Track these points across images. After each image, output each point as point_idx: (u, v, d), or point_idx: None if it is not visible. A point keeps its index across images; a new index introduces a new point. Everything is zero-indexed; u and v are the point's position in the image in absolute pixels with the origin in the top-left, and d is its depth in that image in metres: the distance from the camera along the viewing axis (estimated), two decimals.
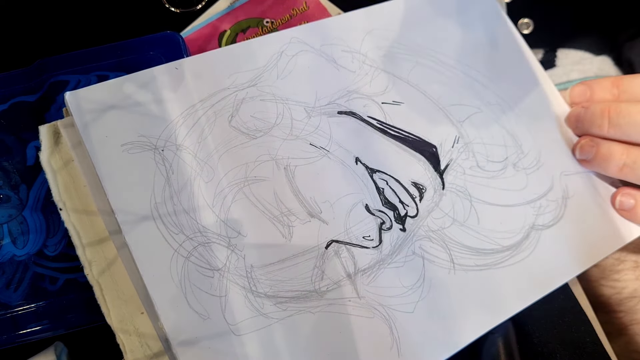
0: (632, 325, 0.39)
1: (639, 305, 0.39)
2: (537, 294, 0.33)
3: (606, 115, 0.35)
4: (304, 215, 0.31)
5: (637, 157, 0.34)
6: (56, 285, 0.33)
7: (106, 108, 0.30)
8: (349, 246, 0.31)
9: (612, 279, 0.40)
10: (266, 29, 0.43)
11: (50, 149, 0.30)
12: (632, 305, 0.39)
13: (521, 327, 0.35)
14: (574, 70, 0.45)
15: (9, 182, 0.35)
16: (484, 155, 0.36)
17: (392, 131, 0.34)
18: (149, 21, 0.44)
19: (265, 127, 0.32)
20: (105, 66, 0.37)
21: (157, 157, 0.30)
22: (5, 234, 0.34)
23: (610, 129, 0.35)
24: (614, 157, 0.35)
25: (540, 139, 0.37)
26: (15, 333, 0.32)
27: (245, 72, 0.33)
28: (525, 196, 0.35)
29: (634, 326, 0.39)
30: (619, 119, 0.34)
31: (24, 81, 0.37)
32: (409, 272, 0.31)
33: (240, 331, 0.28)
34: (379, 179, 0.33)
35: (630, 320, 0.40)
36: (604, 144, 0.36)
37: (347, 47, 0.36)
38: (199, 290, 0.28)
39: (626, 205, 0.36)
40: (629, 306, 0.40)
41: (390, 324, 0.30)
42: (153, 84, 0.31)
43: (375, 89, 0.35)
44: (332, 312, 0.29)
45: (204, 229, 0.29)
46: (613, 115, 0.35)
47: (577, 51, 0.46)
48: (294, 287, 0.30)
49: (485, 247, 0.33)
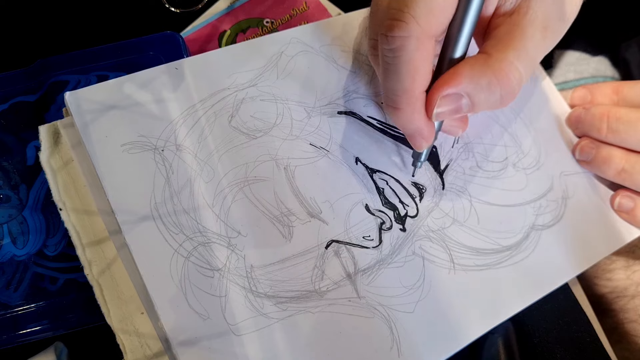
0: (624, 324, 0.40)
1: (629, 304, 0.39)
2: (537, 294, 0.33)
3: (605, 120, 0.35)
4: (304, 215, 0.31)
5: (635, 163, 0.34)
6: (56, 285, 0.33)
7: (106, 108, 0.30)
8: (349, 246, 0.31)
9: (605, 279, 0.41)
10: (266, 29, 0.43)
11: (50, 149, 0.30)
12: (623, 304, 0.40)
13: (521, 327, 0.35)
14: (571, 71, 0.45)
15: (9, 182, 0.35)
16: (484, 155, 0.36)
17: (392, 131, 0.34)
18: (149, 21, 0.44)
19: (265, 127, 0.32)
20: (105, 66, 0.37)
21: (157, 157, 0.30)
22: (5, 234, 0.34)
23: (609, 134, 0.35)
24: (613, 161, 0.35)
25: (540, 139, 0.37)
26: (15, 333, 0.32)
27: (245, 72, 0.33)
28: (525, 196, 0.35)
29: (625, 325, 0.40)
30: (617, 125, 0.35)
31: (24, 81, 0.37)
32: (409, 272, 0.31)
33: (240, 331, 0.28)
34: (379, 179, 0.33)
35: (621, 319, 0.40)
36: (604, 147, 0.36)
37: (346, 48, 0.36)
38: (199, 290, 0.28)
39: (625, 207, 0.36)
40: (620, 305, 0.40)
41: (390, 324, 0.30)
42: (153, 84, 0.31)
43: (375, 88, 0.35)
44: (332, 312, 0.29)
45: (204, 229, 0.29)
46: (612, 120, 0.35)
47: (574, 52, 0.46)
48: (294, 287, 0.30)
49: (485, 247, 0.33)
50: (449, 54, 0.28)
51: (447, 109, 0.28)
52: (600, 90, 0.38)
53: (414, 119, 0.29)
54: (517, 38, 0.28)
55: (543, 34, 0.28)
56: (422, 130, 0.29)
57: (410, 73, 0.27)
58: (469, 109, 0.28)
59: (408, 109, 0.28)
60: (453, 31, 0.28)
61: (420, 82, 0.27)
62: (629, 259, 0.40)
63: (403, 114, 0.29)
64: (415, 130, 0.30)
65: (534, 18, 0.28)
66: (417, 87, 0.28)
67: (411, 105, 0.28)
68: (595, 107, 0.37)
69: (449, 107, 0.28)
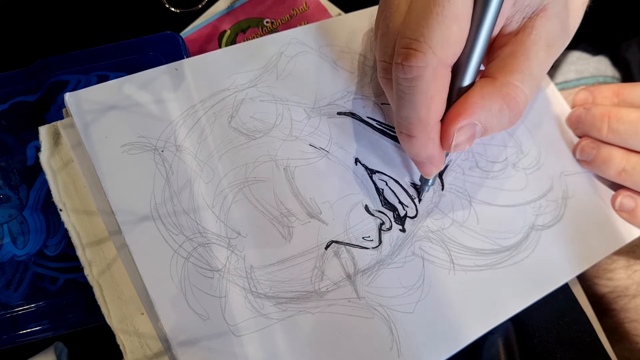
0: (625, 323, 0.40)
1: (630, 304, 0.39)
2: (537, 294, 0.33)
3: (606, 120, 0.35)
4: (303, 215, 0.31)
5: (636, 163, 0.34)
6: (56, 285, 0.33)
7: (106, 109, 0.30)
8: (348, 247, 0.31)
9: (606, 278, 0.41)
10: (266, 29, 0.43)
11: (50, 149, 0.30)
12: (624, 304, 0.40)
13: (521, 327, 0.35)
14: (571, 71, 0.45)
15: (9, 182, 0.35)
16: (484, 155, 0.36)
17: (392, 132, 0.34)
18: (149, 21, 0.44)
19: (265, 127, 0.32)
20: (105, 66, 0.37)
21: (157, 158, 0.30)
22: (5, 234, 0.34)
23: (609, 134, 0.35)
24: (613, 161, 0.35)
25: (540, 139, 0.37)
26: (15, 333, 0.32)
27: (245, 72, 0.33)
28: (525, 196, 0.35)
29: (626, 324, 0.40)
30: (618, 125, 0.35)
31: (24, 81, 0.37)
32: (408, 273, 0.31)
33: (240, 332, 0.28)
34: (378, 180, 0.33)
35: (622, 319, 0.40)
36: (604, 147, 0.36)
37: (346, 48, 0.36)
38: (199, 291, 0.28)
39: (626, 206, 0.36)
40: (621, 305, 0.40)
41: (390, 324, 0.30)
42: (153, 85, 0.31)
43: (375, 89, 0.35)
44: (332, 313, 0.29)
45: (203, 229, 0.29)
46: (613, 121, 0.35)
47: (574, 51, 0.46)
48: (294, 287, 0.30)
49: (485, 247, 0.33)
50: (458, 83, 0.28)
51: (463, 139, 0.28)
52: (601, 92, 0.38)
53: (429, 147, 0.29)
54: (521, 59, 0.28)
55: (547, 52, 0.29)
56: (433, 158, 0.30)
57: (426, 103, 0.27)
58: (482, 134, 0.29)
59: (422, 137, 0.28)
60: (463, 59, 0.27)
61: (435, 111, 0.27)
62: (630, 259, 0.40)
63: (417, 142, 0.28)
64: (427, 158, 0.30)
65: (538, 38, 0.28)
66: (433, 116, 0.28)
67: (426, 134, 0.28)
68: (595, 107, 0.37)
69: (465, 136, 0.28)
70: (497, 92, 0.27)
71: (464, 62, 0.27)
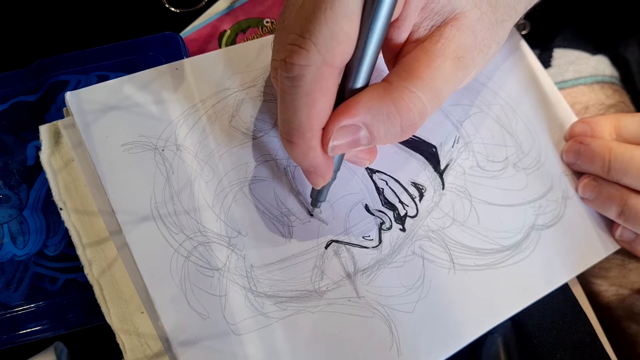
0: (620, 322, 0.40)
1: (625, 302, 0.39)
2: (537, 294, 0.33)
3: (607, 158, 0.34)
4: (303, 215, 0.31)
5: (633, 206, 0.34)
6: (56, 285, 0.33)
7: (107, 108, 0.30)
8: (348, 246, 0.31)
9: (601, 277, 0.41)
10: (266, 29, 0.43)
11: (51, 149, 0.30)
12: (618, 303, 0.40)
13: (521, 327, 0.35)
14: (569, 70, 0.45)
15: (9, 182, 0.35)
16: (484, 155, 0.36)
17: None
18: (149, 21, 0.44)
19: (266, 127, 0.32)
20: (106, 66, 0.37)
21: (158, 157, 0.30)
22: (5, 234, 0.34)
23: (611, 172, 0.34)
24: (613, 203, 0.35)
25: (540, 139, 0.37)
26: (15, 333, 0.32)
27: (246, 72, 0.33)
28: (525, 196, 0.35)
29: (620, 323, 0.40)
30: (618, 164, 0.34)
31: (24, 81, 0.37)
32: (408, 272, 0.31)
33: (240, 331, 0.28)
34: (378, 179, 0.33)
35: (617, 317, 0.40)
36: (605, 187, 0.35)
37: None
38: (199, 290, 0.28)
39: (626, 237, 0.36)
40: (616, 303, 0.40)
41: (390, 323, 0.30)
42: (154, 84, 0.31)
43: None
44: (331, 312, 0.30)
45: (204, 228, 0.29)
46: (613, 159, 0.34)
47: (573, 51, 0.46)
48: (294, 286, 0.30)
49: (485, 247, 0.33)
50: (349, 85, 0.26)
51: (344, 142, 0.26)
52: (600, 125, 0.37)
53: (309, 155, 0.26)
54: (423, 66, 0.26)
55: (455, 64, 0.26)
56: (317, 168, 0.27)
57: (308, 106, 0.24)
58: (368, 141, 0.26)
59: (302, 143, 0.26)
60: (354, 59, 0.25)
61: (317, 116, 0.25)
62: (625, 258, 0.40)
63: (297, 148, 0.26)
64: (310, 167, 0.27)
65: (446, 47, 0.26)
66: (314, 122, 0.25)
67: (305, 141, 0.26)
68: (594, 142, 0.36)
69: (346, 139, 0.26)
70: (388, 96, 0.25)
71: (355, 63, 0.25)
